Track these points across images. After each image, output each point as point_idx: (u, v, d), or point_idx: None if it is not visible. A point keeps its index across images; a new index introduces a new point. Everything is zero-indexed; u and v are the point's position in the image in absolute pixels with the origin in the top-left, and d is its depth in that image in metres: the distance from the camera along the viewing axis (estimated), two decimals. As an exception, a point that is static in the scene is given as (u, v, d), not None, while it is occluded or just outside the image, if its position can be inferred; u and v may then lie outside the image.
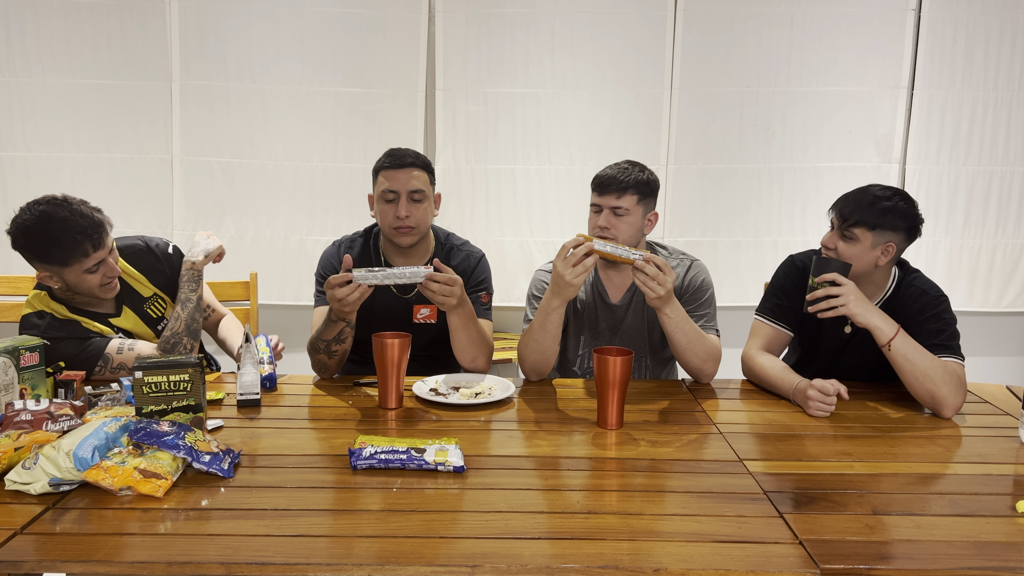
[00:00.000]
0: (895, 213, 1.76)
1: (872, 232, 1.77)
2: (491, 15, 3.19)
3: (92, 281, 1.82)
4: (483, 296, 2.11)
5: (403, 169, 1.98)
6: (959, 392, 1.69)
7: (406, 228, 1.98)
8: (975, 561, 1.07)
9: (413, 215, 1.98)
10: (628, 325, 2.07)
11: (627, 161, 2.01)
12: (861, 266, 1.81)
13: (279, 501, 1.23)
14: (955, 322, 1.82)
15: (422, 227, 2.01)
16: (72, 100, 3.16)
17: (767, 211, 3.33)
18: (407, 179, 1.97)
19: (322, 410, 1.71)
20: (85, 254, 1.76)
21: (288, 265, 3.30)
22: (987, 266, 3.35)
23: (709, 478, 1.35)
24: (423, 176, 2.00)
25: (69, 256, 1.75)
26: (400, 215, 1.96)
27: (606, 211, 1.96)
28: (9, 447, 1.28)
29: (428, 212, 2.02)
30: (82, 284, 1.82)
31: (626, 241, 1.97)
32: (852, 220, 1.77)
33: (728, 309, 2.15)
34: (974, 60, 3.22)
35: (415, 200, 1.98)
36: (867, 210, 1.76)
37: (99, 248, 1.79)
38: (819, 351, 1.99)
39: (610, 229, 1.96)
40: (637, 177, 1.95)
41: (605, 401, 1.59)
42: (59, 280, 1.83)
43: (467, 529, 1.14)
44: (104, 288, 1.85)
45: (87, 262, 1.78)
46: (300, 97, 3.21)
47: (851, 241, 1.79)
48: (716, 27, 3.20)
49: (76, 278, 1.81)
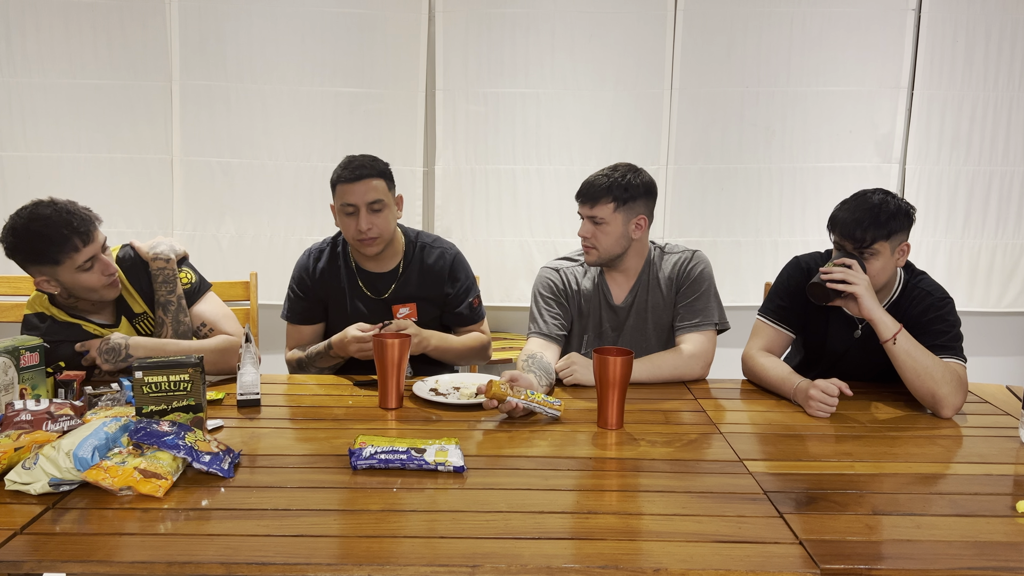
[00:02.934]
0: (897, 214, 1.77)
1: (888, 241, 1.77)
2: (491, 15, 3.19)
3: (89, 280, 1.78)
4: (473, 301, 2.15)
5: (360, 181, 1.96)
6: (959, 392, 1.69)
7: (369, 240, 1.99)
8: (975, 561, 1.07)
9: (375, 226, 1.98)
10: (631, 326, 2.07)
11: (614, 165, 1.99)
12: (887, 275, 1.82)
13: (279, 501, 1.23)
14: (959, 324, 1.82)
15: (385, 235, 2.01)
16: (72, 100, 3.16)
17: (767, 211, 3.33)
18: (364, 191, 1.96)
19: (322, 410, 1.71)
20: (75, 248, 1.73)
21: (288, 265, 3.25)
22: (987, 266, 3.35)
23: (709, 478, 1.35)
24: (380, 184, 1.99)
25: (59, 252, 1.72)
26: (361, 228, 1.96)
27: (586, 220, 1.97)
28: (9, 447, 1.28)
29: (390, 219, 2.02)
30: (79, 284, 1.78)
31: (608, 249, 1.96)
32: (869, 239, 1.76)
33: (728, 309, 2.15)
34: (974, 60, 3.22)
35: (375, 210, 1.97)
36: (877, 223, 1.75)
37: (88, 242, 1.75)
38: (824, 352, 1.98)
39: (590, 239, 1.97)
40: (613, 183, 1.93)
41: (605, 401, 1.59)
42: (56, 284, 1.78)
43: (467, 529, 1.14)
44: (107, 288, 1.82)
45: (78, 257, 1.74)
46: (300, 97, 3.21)
47: (874, 257, 1.78)
48: (716, 27, 3.20)
49: (71, 278, 1.76)
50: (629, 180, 1.95)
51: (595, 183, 1.95)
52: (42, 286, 1.79)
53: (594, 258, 2.00)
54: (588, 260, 2.02)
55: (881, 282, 1.82)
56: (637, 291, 2.06)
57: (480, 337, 2.18)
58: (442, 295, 2.14)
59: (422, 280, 2.12)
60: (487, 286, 3.28)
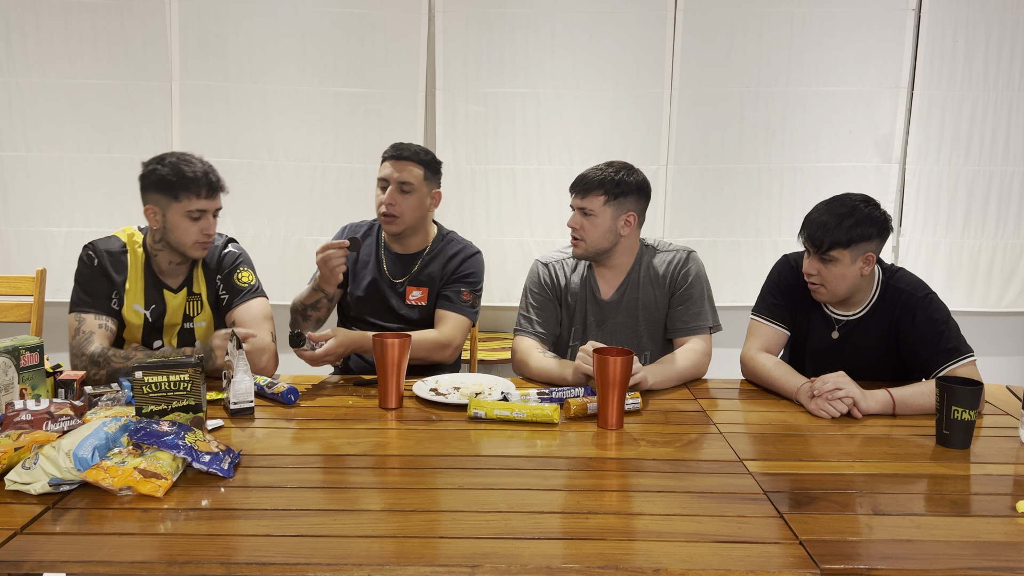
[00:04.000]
0: (863, 224, 1.77)
1: (848, 249, 1.77)
2: (491, 15, 3.19)
3: (188, 230, 1.86)
4: (464, 293, 2.14)
5: (400, 161, 2.07)
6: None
7: (388, 216, 2.06)
8: (975, 561, 1.07)
9: (398, 204, 2.05)
10: (618, 322, 2.07)
11: (610, 161, 2.03)
12: (848, 283, 1.82)
13: (279, 501, 1.22)
14: (949, 315, 1.82)
15: (407, 218, 2.07)
16: (72, 100, 3.16)
17: (767, 211, 3.33)
18: (400, 169, 2.06)
19: (322, 410, 1.71)
20: (196, 194, 1.85)
21: (288, 265, 3.30)
22: (987, 266, 3.35)
23: (709, 478, 1.35)
24: (417, 171, 2.07)
25: (182, 190, 1.84)
26: (384, 201, 2.05)
27: (576, 211, 2.01)
28: (9, 447, 1.28)
29: (415, 206, 2.08)
30: (177, 228, 1.86)
31: (595, 242, 1.99)
32: (826, 245, 1.77)
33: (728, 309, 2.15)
34: (974, 60, 3.22)
35: (403, 191, 2.05)
36: (835, 231, 1.76)
37: (211, 197, 1.89)
38: (806, 354, 2.00)
39: (578, 229, 2.00)
40: (606, 177, 1.97)
41: (605, 401, 1.59)
42: (160, 219, 1.87)
43: (467, 529, 1.14)
44: (196, 246, 1.89)
45: (193, 204, 1.85)
46: (300, 97, 3.21)
47: (831, 263, 1.80)
48: (716, 27, 3.20)
49: (176, 220, 1.86)
50: (622, 177, 1.98)
51: (588, 176, 1.99)
52: (147, 215, 1.90)
53: (581, 250, 2.02)
54: (575, 252, 2.05)
55: (841, 290, 1.83)
56: (626, 288, 2.06)
57: (431, 334, 2.06)
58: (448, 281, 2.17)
59: (438, 268, 2.15)
60: (487, 286, 3.27)
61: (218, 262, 2.01)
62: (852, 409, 1.68)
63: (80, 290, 1.89)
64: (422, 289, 2.15)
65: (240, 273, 2.01)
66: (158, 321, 1.97)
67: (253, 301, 1.99)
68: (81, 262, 1.92)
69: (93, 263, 1.91)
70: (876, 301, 1.89)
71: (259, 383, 1.76)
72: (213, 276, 2.01)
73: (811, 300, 1.95)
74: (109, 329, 1.89)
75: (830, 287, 1.83)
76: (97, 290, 1.89)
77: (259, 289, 2.03)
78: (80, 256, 1.92)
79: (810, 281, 1.87)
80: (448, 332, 2.08)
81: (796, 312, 1.98)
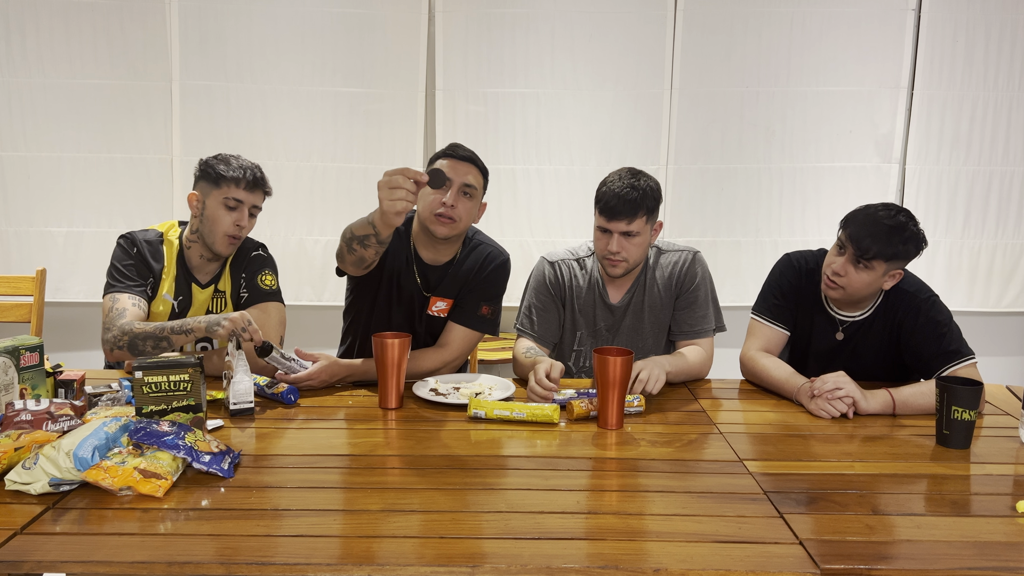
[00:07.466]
0: (911, 242, 1.76)
1: (888, 262, 1.77)
2: (491, 15, 3.19)
3: (223, 220, 1.92)
4: (484, 308, 2.03)
5: (463, 162, 1.92)
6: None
7: (447, 218, 1.89)
8: (975, 561, 1.07)
9: (460, 206, 1.89)
10: (627, 326, 2.07)
11: (628, 173, 1.92)
12: (869, 290, 1.83)
13: (279, 501, 1.22)
14: (951, 317, 1.83)
15: (463, 224, 1.93)
16: (72, 100, 3.16)
17: (767, 211, 3.33)
18: (465, 171, 1.91)
19: (322, 410, 1.70)
20: (236, 184, 1.92)
21: (288, 265, 3.29)
22: (987, 266, 3.35)
23: (709, 478, 1.35)
24: (479, 177, 1.95)
25: (224, 176, 1.92)
26: (446, 202, 1.87)
27: (617, 236, 1.91)
28: (9, 447, 1.28)
29: (472, 212, 1.95)
30: (213, 215, 1.93)
31: (638, 259, 1.96)
32: (872, 253, 1.75)
33: (728, 309, 2.15)
34: (974, 60, 3.22)
35: (465, 194, 1.90)
36: (886, 243, 1.74)
37: (251, 190, 1.95)
38: (810, 354, 1.99)
39: (621, 252, 1.92)
40: (643, 195, 1.88)
41: (605, 401, 1.59)
42: (199, 206, 1.95)
43: (467, 529, 1.14)
44: (225, 238, 1.94)
45: (231, 192, 1.92)
46: (300, 97, 3.21)
47: (865, 270, 1.78)
48: (716, 27, 3.20)
49: (214, 205, 1.93)
50: (651, 187, 1.91)
51: (626, 197, 1.87)
52: (190, 201, 1.97)
53: (623, 270, 1.96)
54: (615, 273, 1.97)
55: (858, 294, 1.83)
56: (635, 291, 2.05)
57: (435, 359, 1.99)
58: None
59: (466, 274, 2.04)
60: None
61: (247, 262, 2.05)
62: (848, 410, 1.68)
63: (116, 274, 1.96)
64: (447, 300, 2.03)
65: (264, 276, 2.03)
66: (183, 313, 2.01)
67: (270, 304, 2.01)
68: (120, 248, 1.99)
69: (132, 250, 1.98)
70: (880, 303, 1.89)
71: (259, 383, 1.76)
72: (239, 274, 2.04)
73: (814, 300, 1.94)
74: (142, 309, 1.94)
75: (850, 290, 1.82)
76: (134, 274, 1.96)
77: (278, 294, 2.05)
78: (117, 243, 2.00)
79: (834, 280, 1.83)
80: (455, 350, 2.01)
81: (798, 313, 1.97)
